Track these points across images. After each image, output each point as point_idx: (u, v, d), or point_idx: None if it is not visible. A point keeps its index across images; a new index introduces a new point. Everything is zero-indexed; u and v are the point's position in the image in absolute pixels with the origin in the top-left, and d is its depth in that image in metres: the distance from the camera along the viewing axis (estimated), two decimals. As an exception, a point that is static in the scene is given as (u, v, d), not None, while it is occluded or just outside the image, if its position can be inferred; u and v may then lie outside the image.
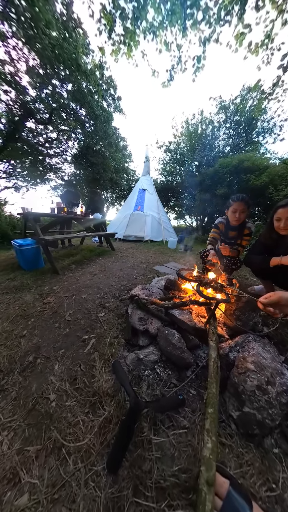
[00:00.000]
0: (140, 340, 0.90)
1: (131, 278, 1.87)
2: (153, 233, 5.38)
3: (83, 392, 0.65)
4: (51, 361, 0.78)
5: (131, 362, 0.79)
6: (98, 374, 0.73)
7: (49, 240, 1.67)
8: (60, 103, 6.08)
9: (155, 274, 2.00)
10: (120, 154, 9.82)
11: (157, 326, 0.94)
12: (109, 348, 0.88)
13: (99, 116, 6.42)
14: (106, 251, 3.34)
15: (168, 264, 2.60)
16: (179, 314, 0.92)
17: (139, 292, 1.12)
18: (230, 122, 8.53)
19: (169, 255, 3.39)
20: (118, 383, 0.68)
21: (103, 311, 1.21)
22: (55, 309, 1.21)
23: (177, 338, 0.79)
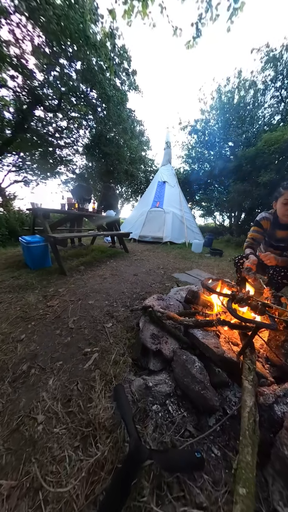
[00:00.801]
0: (150, 363, 0.84)
1: (146, 285, 1.85)
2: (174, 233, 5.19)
3: (76, 418, 0.61)
4: (46, 374, 0.78)
5: (137, 389, 0.72)
6: (97, 398, 0.69)
7: (58, 238, 1.80)
8: (69, 86, 6.20)
9: (174, 283, 1.93)
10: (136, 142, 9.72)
11: (173, 347, 0.86)
12: (113, 367, 0.84)
13: (112, 97, 6.38)
14: (119, 252, 3.40)
15: (191, 271, 2.50)
16: (203, 336, 0.81)
17: (154, 303, 1.10)
18: (281, 79, 6.97)
19: (193, 261, 3.24)
20: (118, 415, 0.62)
21: (110, 321, 1.20)
22: (58, 313, 1.25)
23: (198, 368, 0.69)
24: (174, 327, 0.97)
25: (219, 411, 0.62)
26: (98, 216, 3.05)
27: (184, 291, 1.31)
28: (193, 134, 9.10)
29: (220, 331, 0.86)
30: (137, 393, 0.71)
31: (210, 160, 8.56)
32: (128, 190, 13.53)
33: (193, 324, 0.89)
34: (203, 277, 2.18)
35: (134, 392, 0.71)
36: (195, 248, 4.28)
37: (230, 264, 3.16)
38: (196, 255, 3.88)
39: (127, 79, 7.24)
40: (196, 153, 9.22)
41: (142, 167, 11.62)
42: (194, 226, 6.09)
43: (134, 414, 0.62)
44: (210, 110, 8.62)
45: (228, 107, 7.78)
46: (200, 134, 8.90)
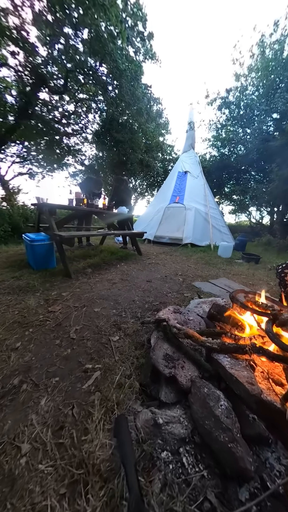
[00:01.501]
0: (162, 392, 0.77)
1: (160, 294, 1.82)
2: (196, 234, 4.98)
3: (66, 454, 0.57)
4: (39, 391, 0.77)
5: (143, 425, 0.65)
6: (93, 430, 0.64)
7: (64, 236, 1.86)
8: (76, 61, 5.97)
9: (195, 293, 1.86)
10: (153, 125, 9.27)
11: (192, 375, 0.78)
12: (116, 391, 0.80)
13: (125, 71, 6.10)
14: (131, 255, 3.41)
15: (216, 280, 2.38)
16: (231, 366, 0.71)
17: (170, 316, 1.07)
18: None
19: (219, 268, 3.07)
20: (117, 457, 0.56)
21: (117, 334, 1.18)
22: (60, 320, 1.26)
23: (224, 409, 0.59)
24: (193, 349, 0.90)
25: (255, 480, 0.50)
26: (108, 213, 3.10)
27: (207, 304, 1.24)
28: (223, 109, 8.17)
29: (255, 362, 0.74)
30: (142, 430, 0.63)
31: (246, 141, 7.54)
32: (142, 183, 13.15)
33: (218, 347, 0.80)
34: (233, 288, 2.05)
35: (139, 428, 0.64)
36: (223, 252, 4.02)
37: (270, 273, 2.91)
38: (223, 260, 3.67)
39: (142, 46, 6.74)
40: (227, 133, 8.26)
41: (159, 155, 11.14)
42: (222, 225, 5.75)
43: (137, 460, 0.55)
44: (248, 73, 7.61)
45: (274, 65, 6.66)
46: (233, 108, 7.92)
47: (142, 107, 7.57)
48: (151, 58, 7.13)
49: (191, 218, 5.10)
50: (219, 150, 8.94)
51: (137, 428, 0.64)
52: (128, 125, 8.26)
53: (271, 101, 6.53)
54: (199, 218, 5.22)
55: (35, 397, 0.74)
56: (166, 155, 11.71)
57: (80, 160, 10.35)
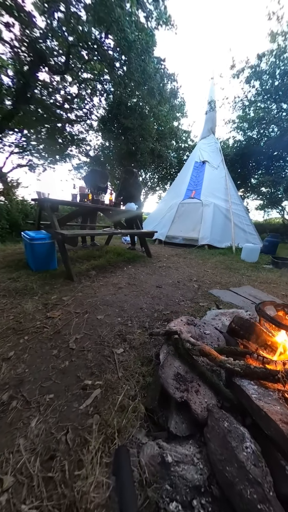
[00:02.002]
0: (172, 421, 0.71)
1: (172, 302, 1.79)
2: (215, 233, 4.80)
3: (55, 492, 0.52)
4: (30, 410, 0.74)
5: (148, 462, 0.59)
6: (89, 463, 0.60)
7: (67, 235, 1.87)
8: (78, 33, 5.64)
9: (212, 303, 1.80)
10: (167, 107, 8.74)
11: (208, 402, 0.71)
12: (118, 415, 0.75)
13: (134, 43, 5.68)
14: (139, 256, 3.39)
15: (239, 289, 2.27)
16: (259, 396, 0.63)
17: (182, 328, 1.04)
18: None
19: (243, 274, 2.93)
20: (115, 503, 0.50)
21: (121, 346, 1.16)
22: (59, 328, 1.25)
23: (250, 454, 0.52)
24: (210, 370, 0.84)
25: None
26: (115, 210, 3.10)
27: (227, 317, 1.19)
28: (253, 81, 7.14)
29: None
30: (147, 469, 0.57)
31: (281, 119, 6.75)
32: (154, 177, 12.77)
33: (241, 370, 0.73)
34: (260, 299, 1.94)
35: (144, 466, 0.58)
36: (248, 256, 3.80)
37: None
38: (248, 265, 3.48)
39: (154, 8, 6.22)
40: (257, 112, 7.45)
41: (173, 143, 10.66)
42: (246, 224, 5.43)
43: (139, 510, 0.49)
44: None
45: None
46: (266, 78, 6.93)
47: (154, 86, 7.01)
48: (165, 23, 6.59)
49: (209, 216, 4.91)
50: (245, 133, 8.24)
51: (141, 466, 0.58)
52: (137, 109, 7.96)
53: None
54: (219, 216, 5.01)
55: (25, 417, 0.71)
56: (181, 143, 11.25)
57: (85, 150, 10.19)
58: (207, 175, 5.61)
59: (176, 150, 11.13)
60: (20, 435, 0.65)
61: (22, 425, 0.68)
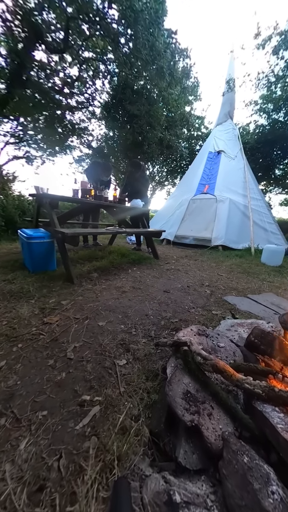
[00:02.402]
0: (180, 450, 0.66)
1: (181, 309, 1.77)
2: (231, 233, 4.68)
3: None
4: (20, 429, 0.71)
5: (152, 500, 0.54)
6: (84, 497, 0.56)
7: (68, 234, 1.86)
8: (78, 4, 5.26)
9: (227, 311, 1.77)
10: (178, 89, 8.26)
11: (224, 430, 0.66)
12: (118, 438, 0.71)
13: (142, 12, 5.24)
14: (145, 258, 3.38)
15: (259, 296, 2.21)
16: (286, 427, 0.57)
17: (193, 338, 0.99)
18: None
19: (264, 279, 2.86)
20: None
21: (124, 357, 1.14)
22: (56, 335, 1.24)
23: (277, 501, 0.46)
24: (226, 389, 0.79)
25: None
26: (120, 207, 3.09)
27: (245, 328, 1.16)
28: (282, 52, 6.60)
29: None
30: (151, 509, 0.52)
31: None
32: (162, 170, 12.47)
33: (263, 393, 0.67)
34: (284, 309, 1.88)
35: (146, 505, 0.53)
36: (269, 258, 3.69)
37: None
38: (270, 269, 3.38)
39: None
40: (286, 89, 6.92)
41: (184, 131, 10.19)
42: (268, 222, 5.24)
43: None
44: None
45: None
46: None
47: (164, 65, 6.59)
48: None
49: (224, 213, 4.78)
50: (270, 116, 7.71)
51: (144, 504, 0.53)
52: (145, 93, 7.67)
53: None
54: (236, 213, 4.87)
55: (13, 437, 0.68)
56: (194, 131, 10.88)
57: (87, 141, 9.97)
58: (223, 167, 5.45)
59: (187, 140, 10.80)
60: (6, 459, 0.61)
61: (10, 447, 0.65)
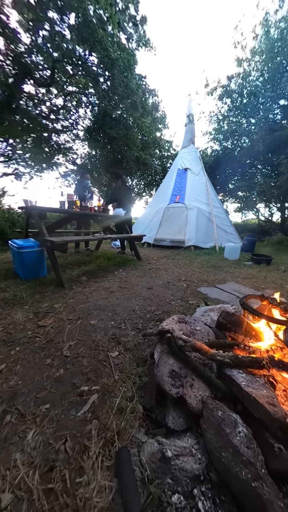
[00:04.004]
0: (169, 416, 0.71)
1: (163, 302, 1.80)
2: (200, 235, 4.98)
3: (57, 502, 0.50)
4: (25, 423, 0.70)
5: (149, 459, 0.59)
6: (90, 468, 0.58)
7: (56, 242, 1.82)
8: (63, 50, 5.78)
9: (200, 300, 1.84)
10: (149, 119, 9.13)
11: (203, 395, 0.73)
12: (116, 417, 0.74)
13: (117, 61, 5.99)
14: (129, 260, 3.39)
15: (224, 285, 2.35)
16: (247, 383, 0.66)
17: (174, 326, 1.04)
18: None
19: (227, 271, 3.05)
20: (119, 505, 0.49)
21: (116, 349, 1.15)
22: (51, 336, 1.21)
23: (243, 437, 0.54)
24: (202, 364, 0.85)
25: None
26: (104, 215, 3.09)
27: (215, 312, 1.21)
28: (225, 99, 8.05)
29: (275, 378, 0.68)
30: (148, 467, 0.57)
31: (250, 132, 7.52)
32: (140, 183, 13.11)
33: (231, 361, 0.75)
34: (243, 293, 2.01)
35: (145, 464, 0.58)
36: (230, 254, 3.99)
37: (285, 276, 2.87)
38: (231, 263, 3.64)
39: (134, 32, 6.65)
40: (230, 125, 8.18)
41: (157, 152, 11.07)
42: (227, 225, 5.71)
43: (143, 508, 0.48)
44: (251, 57, 7.40)
45: (281, 45, 6.39)
46: (236, 97, 7.84)
47: (137, 100, 7.39)
48: (144, 45, 7.02)
49: (193, 219, 5.09)
50: (221, 144, 8.87)
51: (142, 464, 0.58)
52: (122, 120, 8.22)
53: (278, 87, 6.39)
54: (202, 218, 5.21)
55: (20, 430, 0.67)
56: (164, 152, 11.70)
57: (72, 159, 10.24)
58: (190, 181, 5.84)
59: (160, 158, 11.56)
60: (16, 449, 0.61)
61: (18, 439, 0.65)
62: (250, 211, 9.91)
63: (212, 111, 8.76)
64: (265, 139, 6.42)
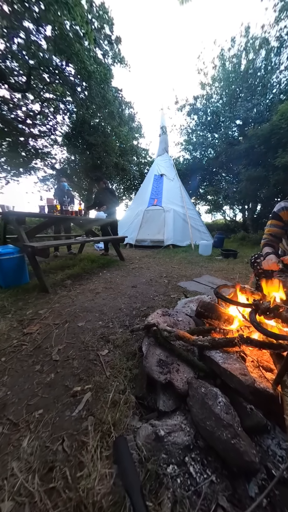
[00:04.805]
0: (160, 401, 0.75)
1: (147, 298, 1.81)
2: (177, 235, 5.18)
3: (60, 499, 0.49)
4: (19, 431, 0.67)
5: (144, 442, 0.61)
6: (90, 461, 0.58)
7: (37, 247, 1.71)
8: (39, 59, 5.63)
9: (181, 294, 1.90)
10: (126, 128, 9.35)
11: (188, 377, 0.78)
12: (111, 410, 0.74)
13: (94, 73, 5.96)
14: (113, 261, 3.35)
15: (200, 278, 2.48)
16: (224, 360, 0.73)
17: (159, 319, 1.07)
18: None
19: (202, 266, 3.22)
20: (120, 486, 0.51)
21: (106, 347, 1.14)
22: (39, 342, 1.15)
23: (222, 406, 0.60)
24: (186, 350, 0.90)
25: (262, 471, 0.51)
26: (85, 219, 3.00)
27: (194, 303, 1.27)
28: (192, 115, 8.89)
29: (245, 352, 0.77)
30: (144, 448, 0.60)
31: (215, 145, 8.32)
32: (119, 187, 13.17)
33: (209, 344, 0.81)
34: (216, 284, 2.14)
35: (141, 447, 0.60)
36: (203, 250, 4.24)
37: (248, 266, 3.13)
38: (205, 258, 3.85)
39: (110, 49, 6.80)
40: (198, 138, 8.95)
41: (134, 158, 11.29)
42: (200, 225, 6.06)
43: (142, 483, 0.51)
44: (212, 83, 8.36)
45: (234, 76, 7.40)
46: (201, 114, 8.67)
47: (114, 110, 7.55)
48: (120, 62, 7.22)
49: (170, 220, 5.28)
50: (191, 154, 9.53)
51: (139, 447, 0.60)
52: (100, 128, 8.16)
53: (234, 109, 7.16)
54: (178, 219, 5.44)
55: (14, 439, 0.64)
56: (141, 159, 11.96)
57: (51, 163, 9.78)
58: (165, 186, 6.05)
59: (137, 165, 11.80)
60: (12, 459, 0.58)
61: (13, 448, 0.61)
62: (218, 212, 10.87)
63: (182, 125, 9.55)
64: (226, 151, 7.07)
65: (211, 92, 8.50)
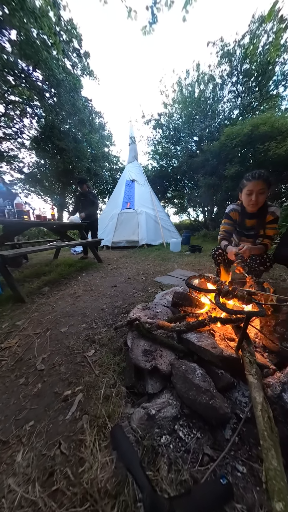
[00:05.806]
0: (148, 385, 0.78)
1: (127, 296, 1.81)
2: (150, 235, 5.32)
3: (65, 497, 0.48)
4: (10, 448, 0.61)
5: (138, 424, 0.64)
6: (90, 455, 0.58)
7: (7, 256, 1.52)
8: (3, 61, 5.17)
9: (158, 288, 1.94)
10: (97, 136, 9.22)
11: (170, 359, 0.83)
12: (104, 405, 0.74)
13: (63, 81, 5.73)
14: (91, 264, 3.24)
15: (173, 272, 2.58)
16: (198, 339, 0.81)
17: (140, 314, 1.08)
18: (237, 75, 7.46)
19: (174, 261, 3.37)
20: (122, 467, 0.53)
21: (92, 348, 1.10)
22: (20, 355, 1.05)
23: (200, 376, 0.67)
24: (166, 337, 0.95)
25: (233, 418, 0.61)
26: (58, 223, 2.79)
27: (169, 295, 1.32)
28: (157, 129, 9.50)
29: (214, 330, 0.88)
30: (139, 429, 0.63)
31: (178, 156, 9.07)
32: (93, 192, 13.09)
33: (185, 328, 0.89)
34: (187, 276, 2.25)
35: (136, 429, 0.63)
36: (174, 248, 4.48)
37: (210, 258, 3.41)
38: (175, 254, 4.05)
39: (79, 62, 6.59)
40: (163, 149, 9.61)
41: (106, 164, 11.17)
42: (169, 225, 6.38)
43: (141, 459, 0.54)
44: (173, 104, 9.17)
45: (190, 101, 8.35)
46: (165, 129, 9.34)
47: (84, 118, 7.31)
48: (89, 74, 7.03)
49: (143, 221, 5.39)
50: (158, 162, 10.16)
51: (134, 430, 0.63)
52: (71, 134, 7.70)
53: (191, 127, 8.02)
54: (150, 221, 5.61)
55: (7, 456, 0.58)
56: (113, 165, 11.88)
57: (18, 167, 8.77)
58: (137, 191, 6.15)
59: (109, 170, 11.70)
60: (7, 476, 0.53)
61: (6, 466, 0.56)
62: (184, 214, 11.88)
63: (149, 137, 10.09)
64: (187, 162, 7.83)
65: (172, 111, 9.28)
